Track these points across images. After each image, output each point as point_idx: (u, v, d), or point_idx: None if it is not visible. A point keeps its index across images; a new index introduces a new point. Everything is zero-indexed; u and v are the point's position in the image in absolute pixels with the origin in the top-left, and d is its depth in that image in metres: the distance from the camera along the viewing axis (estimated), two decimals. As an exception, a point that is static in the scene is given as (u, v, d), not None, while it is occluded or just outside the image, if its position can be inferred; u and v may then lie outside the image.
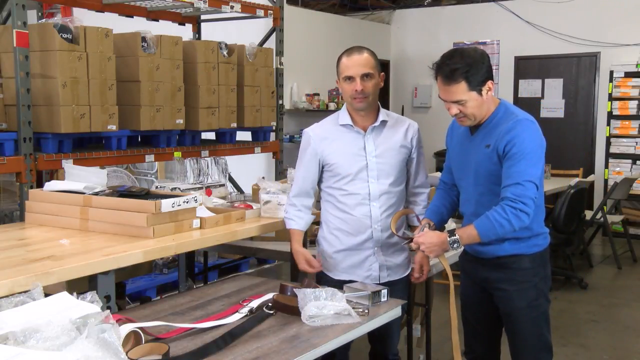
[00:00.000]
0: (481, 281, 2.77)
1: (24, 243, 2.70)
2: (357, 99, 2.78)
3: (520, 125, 2.51)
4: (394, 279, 2.93)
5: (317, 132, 2.91)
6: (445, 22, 9.74)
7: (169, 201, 2.78)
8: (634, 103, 8.07)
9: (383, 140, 2.87)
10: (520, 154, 2.47)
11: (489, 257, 2.68)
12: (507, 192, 2.46)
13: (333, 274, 2.93)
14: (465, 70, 2.47)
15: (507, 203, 2.45)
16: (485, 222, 2.48)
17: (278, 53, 5.47)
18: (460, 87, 2.49)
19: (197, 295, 2.67)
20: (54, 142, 3.69)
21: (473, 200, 2.67)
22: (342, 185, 2.86)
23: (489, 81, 2.54)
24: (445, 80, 2.51)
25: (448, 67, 2.49)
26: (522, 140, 2.48)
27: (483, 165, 2.59)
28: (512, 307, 2.67)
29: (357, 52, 2.79)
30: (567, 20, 8.70)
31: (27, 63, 3.50)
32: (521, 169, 2.46)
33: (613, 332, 4.99)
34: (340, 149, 2.85)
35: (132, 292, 4.98)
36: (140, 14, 4.95)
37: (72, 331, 1.67)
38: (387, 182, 2.86)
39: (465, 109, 2.54)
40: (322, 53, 8.57)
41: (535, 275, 2.66)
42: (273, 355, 1.99)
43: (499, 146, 2.51)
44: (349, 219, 2.87)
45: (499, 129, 2.56)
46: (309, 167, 2.92)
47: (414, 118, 3.22)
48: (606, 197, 7.32)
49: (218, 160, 4.81)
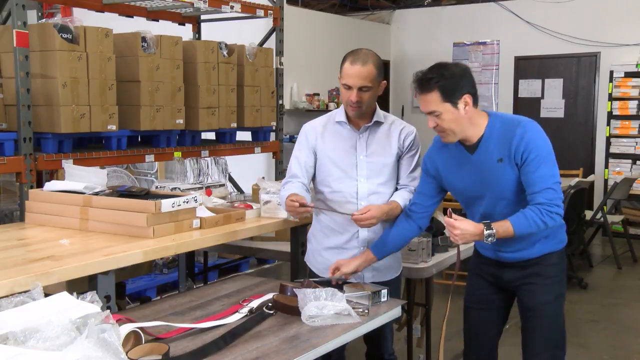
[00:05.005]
0: (505, 283, 2.76)
1: (24, 243, 2.70)
2: (351, 107, 2.79)
3: (530, 129, 2.52)
4: (380, 280, 2.85)
5: (313, 125, 2.95)
6: (445, 22, 9.74)
7: (169, 201, 2.78)
8: (634, 103, 8.07)
9: (376, 140, 2.87)
10: (539, 158, 2.49)
11: (519, 261, 2.69)
12: (540, 197, 2.48)
13: (323, 273, 2.90)
14: (438, 80, 2.47)
15: (543, 207, 2.48)
16: (522, 220, 2.49)
17: (278, 53, 5.47)
18: (433, 97, 2.49)
19: (197, 295, 2.67)
20: (54, 142, 3.68)
21: (497, 213, 2.62)
22: (331, 182, 2.87)
23: (466, 95, 2.50)
24: (419, 89, 2.53)
25: (423, 77, 2.51)
26: (537, 145, 2.51)
27: (502, 181, 2.57)
28: (539, 300, 2.69)
29: (362, 62, 2.73)
30: (567, 20, 8.70)
31: (27, 63, 3.50)
32: (546, 173, 2.50)
33: (613, 332, 4.99)
34: (333, 145, 2.87)
35: (132, 292, 4.98)
36: (140, 14, 4.94)
37: (72, 331, 1.67)
38: (377, 182, 2.85)
39: (441, 122, 2.52)
40: (322, 53, 8.58)
41: (562, 270, 2.72)
42: (273, 355, 1.99)
43: (515, 155, 2.51)
44: (337, 217, 2.87)
45: (504, 138, 2.54)
46: (302, 156, 2.90)
47: (413, 118, 3.23)
48: (606, 197, 7.32)
49: (218, 160, 4.81)
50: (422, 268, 3.28)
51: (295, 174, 2.90)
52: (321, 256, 2.95)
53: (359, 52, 2.78)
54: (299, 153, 2.93)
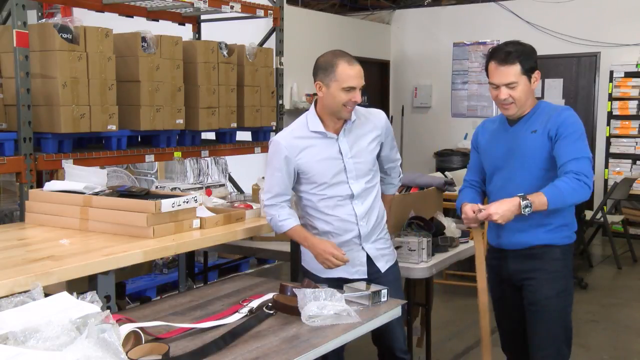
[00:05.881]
0: (510, 275, 2.81)
1: (24, 243, 2.70)
2: (349, 109, 2.76)
3: (570, 112, 2.71)
4: (391, 264, 2.96)
5: (289, 142, 2.81)
6: (445, 22, 9.74)
7: (169, 201, 2.78)
8: (634, 103, 8.07)
9: (355, 139, 2.85)
10: (576, 134, 2.64)
11: (522, 248, 2.74)
12: (571, 165, 2.57)
13: (320, 272, 2.89)
14: (520, 54, 2.66)
15: (573, 175, 2.55)
16: (554, 190, 2.56)
17: (278, 53, 5.47)
18: (514, 69, 2.65)
19: (197, 295, 2.67)
20: (54, 142, 3.68)
21: (514, 185, 2.71)
22: (321, 190, 2.84)
23: (537, 72, 2.71)
24: (500, 62, 2.67)
25: (503, 51, 2.67)
26: (574, 123, 2.66)
27: (530, 150, 2.70)
28: (540, 295, 2.72)
29: (356, 61, 2.76)
30: (567, 20, 8.70)
31: (27, 63, 3.50)
32: (581, 147, 2.63)
33: (613, 332, 4.99)
34: (316, 157, 2.80)
35: (132, 292, 4.98)
36: (140, 14, 4.94)
37: (72, 331, 1.67)
38: (365, 179, 2.87)
39: (514, 93, 2.67)
40: (322, 53, 8.57)
41: (565, 267, 2.74)
42: (273, 355, 1.99)
43: (551, 128, 2.65)
44: (333, 220, 2.85)
45: (544, 116, 2.70)
46: (283, 175, 2.81)
47: (414, 118, 3.24)
48: (606, 197, 7.32)
49: (218, 160, 4.82)
50: (422, 268, 3.28)
51: (280, 192, 2.84)
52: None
53: (344, 52, 2.80)
54: (278, 175, 2.81)
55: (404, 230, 3.45)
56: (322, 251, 2.76)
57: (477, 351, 4.52)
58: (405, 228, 3.46)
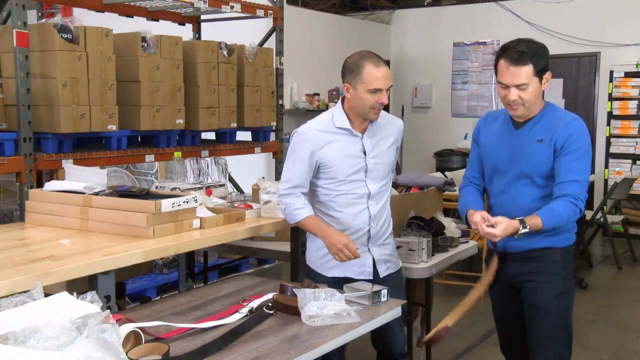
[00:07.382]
0: (510, 278, 2.80)
1: (24, 243, 2.70)
2: (376, 111, 2.78)
3: (580, 124, 2.63)
4: (392, 271, 2.96)
5: (315, 134, 2.83)
6: (445, 22, 9.74)
7: (169, 201, 2.78)
8: (634, 103, 8.07)
9: (377, 141, 2.89)
10: (580, 151, 2.58)
11: (522, 251, 2.72)
12: (569, 188, 2.56)
13: (326, 271, 2.90)
14: (533, 55, 2.56)
15: (569, 199, 2.55)
16: (549, 214, 2.55)
17: (278, 53, 5.47)
18: (526, 70, 2.56)
19: (197, 295, 2.67)
20: (54, 142, 3.68)
21: (513, 192, 2.71)
22: (339, 186, 2.86)
23: (548, 72, 2.63)
24: (512, 61, 2.57)
25: (516, 50, 2.57)
26: (581, 138, 2.60)
27: (534, 160, 2.65)
28: (540, 298, 2.71)
29: (383, 62, 2.75)
30: (567, 20, 8.70)
31: (27, 63, 3.50)
32: (581, 167, 2.58)
33: (613, 332, 4.99)
34: (339, 152, 2.83)
35: (132, 292, 4.98)
36: (140, 14, 4.94)
37: (72, 331, 1.67)
38: (383, 182, 2.92)
39: (524, 95, 2.60)
40: (322, 53, 8.57)
41: (564, 268, 2.73)
42: (273, 355, 1.99)
43: (557, 140, 2.59)
44: (344, 217, 2.87)
45: (551, 124, 2.64)
46: (305, 166, 2.84)
47: (414, 118, 3.25)
48: (606, 197, 7.31)
49: (218, 160, 4.82)
50: (422, 268, 3.28)
51: (299, 184, 2.86)
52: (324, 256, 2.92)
53: (373, 54, 2.79)
54: (300, 165, 2.84)
55: (404, 230, 3.45)
56: (337, 241, 2.74)
57: (477, 351, 4.53)
58: (405, 228, 3.46)
